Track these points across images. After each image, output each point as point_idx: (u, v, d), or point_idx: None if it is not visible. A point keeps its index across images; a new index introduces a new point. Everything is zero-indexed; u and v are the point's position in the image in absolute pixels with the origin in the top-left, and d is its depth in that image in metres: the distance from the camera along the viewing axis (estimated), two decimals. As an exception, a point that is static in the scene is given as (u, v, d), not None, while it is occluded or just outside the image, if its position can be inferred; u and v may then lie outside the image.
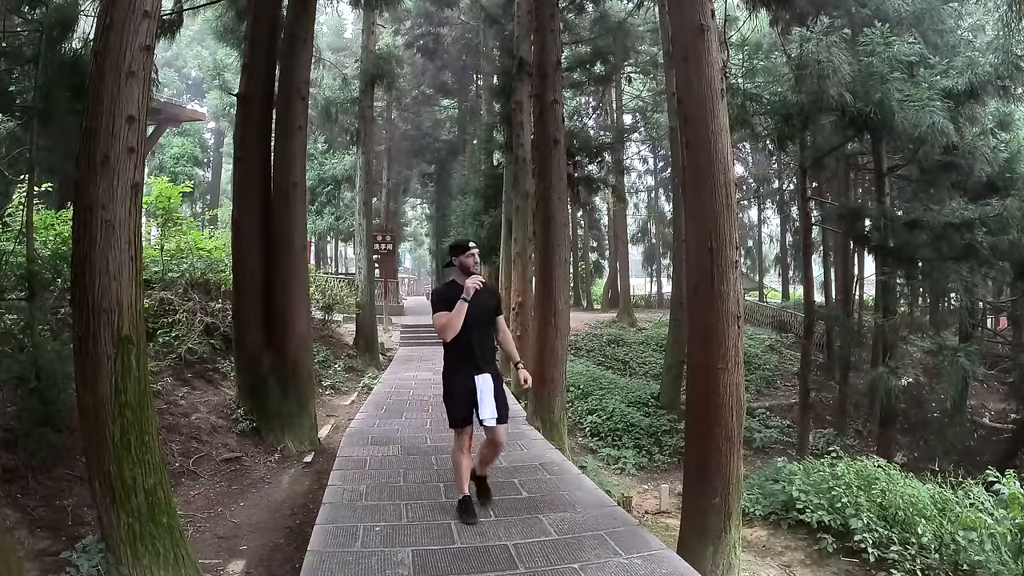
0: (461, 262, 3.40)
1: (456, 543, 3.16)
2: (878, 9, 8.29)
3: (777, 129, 8.38)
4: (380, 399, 7.83)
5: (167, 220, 7.62)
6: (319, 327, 10.85)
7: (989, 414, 11.34)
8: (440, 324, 3.32)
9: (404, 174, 26.04)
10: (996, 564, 3.08)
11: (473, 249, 3.43)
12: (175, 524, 2.91)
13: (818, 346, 12.33)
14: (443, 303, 3.33)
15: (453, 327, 3.28)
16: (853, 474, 4.34)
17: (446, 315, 3.29)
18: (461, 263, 3.40)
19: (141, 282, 2.93)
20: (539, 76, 6.89)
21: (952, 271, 7.81)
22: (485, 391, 3.32)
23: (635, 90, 20.31)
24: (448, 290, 3.40)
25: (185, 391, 5.68)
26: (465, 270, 3.38)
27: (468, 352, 3.36)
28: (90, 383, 2.69)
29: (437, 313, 3.33)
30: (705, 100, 3.76)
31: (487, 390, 3.33)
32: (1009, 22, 7.36)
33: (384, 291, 18.51)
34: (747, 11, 9.21)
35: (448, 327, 3.29)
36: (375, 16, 12.49)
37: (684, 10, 3.91)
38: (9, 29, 4.77)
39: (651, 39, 14.78)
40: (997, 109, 9.33)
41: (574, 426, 7.91)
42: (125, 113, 2.75)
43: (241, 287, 5.74)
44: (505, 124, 11.40)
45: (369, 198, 13.31)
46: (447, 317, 3.28)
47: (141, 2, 2.82)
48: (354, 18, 23.91)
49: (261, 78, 5.86)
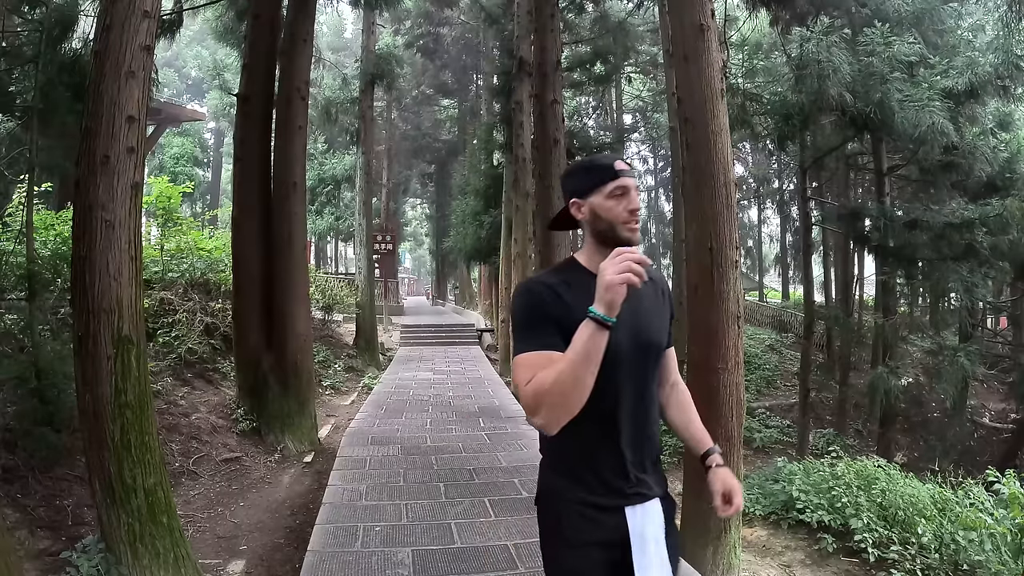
0: (595, 211, 1.27)
1: (456, 543, 3.16)
2: (878, 9, 8.28)
3: (777, 129, 8.37)
4: (380, 399, 7.83)
5: (167, 220, 7.62)
6: (319, 327, 10.85)
7: (989, 414, 11.33)
8: (535, 388, 1.11)
9: (404, 174, 26.08)
10: (996, 564, 3.08)
11: (624, 174, 1.25)
12: (175, 524, 2.91)
13: (818, 346, 12.33)
14: (538, 324, 1.20)
15: (569, 397, 1.08)
16: (853, 474, 4.34)
17: (542, 358, 1.14)
18: (595, 212, 1.27)
19: (141, 282, 2.92)
20: (539, 76, 6.89)
21: (952, 271, 7.80)
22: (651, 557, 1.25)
23: (635, 90, 20.33)
24: (549, 290, 1.24)
25: (185, 391, 5.68)
26: (607, 233, 1.26)
27: (607, 447, 1.27)
28: (90, 383, 2.69)
29: (525, 354, 1.17)
30: (705, 100, 3.75)
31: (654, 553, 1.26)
32: (1009, 22, 7.36)
33: (384, 291, 18.52)
34: (747, 11, 9.21)
35: (557, 395, 1.08)
36: (375, 16, 12.51)
37: (684, 10, 3.90)
38: (9, 29, 4.77)
39: (651, 39, 14.78)
40: (997, 109, 9.32)
41: (574, 426, 7.88)
42: (125, 113, 2.74)
43: (241, 287, 5.74)
44: (505, 124, 11.41)
45: (369, 198, 13.31)
46: (552, 372, 1.09)
47: (141, 2, 2.82)
48: (354, 18, 23.93)
49: (261, 78, 5.86)
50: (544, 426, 1.14)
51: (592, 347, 1.06)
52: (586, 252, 1.33)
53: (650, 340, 1.31)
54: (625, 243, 1.23)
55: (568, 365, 1.07)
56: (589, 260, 1.30)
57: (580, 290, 1.18)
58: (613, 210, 1.25)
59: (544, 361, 1.14)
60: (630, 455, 1.28)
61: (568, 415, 1.10)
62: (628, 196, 1.25)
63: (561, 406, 1.09)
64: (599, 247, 1.28)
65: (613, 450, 1.27)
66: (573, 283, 1.25)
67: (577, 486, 1.26)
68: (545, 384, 1.09)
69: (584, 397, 1.09)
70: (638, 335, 1.27)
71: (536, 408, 1.11)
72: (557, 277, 1.29)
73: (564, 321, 1.16)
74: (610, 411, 1.24)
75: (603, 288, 1.05)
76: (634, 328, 1.25)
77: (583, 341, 1.06)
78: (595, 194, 1.27)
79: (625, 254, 1.06)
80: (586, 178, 1.30)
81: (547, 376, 1.09)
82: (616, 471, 1.26)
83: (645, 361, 1.31)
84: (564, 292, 1.23)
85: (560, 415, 1.10)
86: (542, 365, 1.13)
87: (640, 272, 1.04)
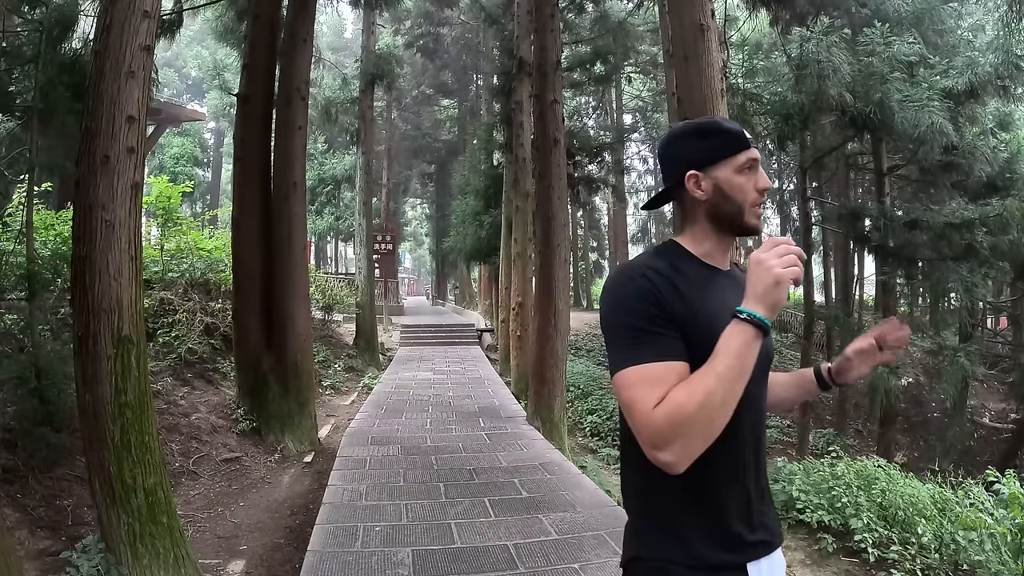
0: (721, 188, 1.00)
1: (456, 543, 3.16)
2: (878, 9, 8.28)
3: (777, 129, 8.37)
4: (380, 399, 7.83)
5: (167, 220, 7.63)
6: (319, 327, 10.85)
7: (989, 414, 11.33)
8: (672, 412, 0.84)
9: (404, 174, 26.09)
10: (996, 564, 3.08)
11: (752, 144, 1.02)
12: (175, 524, 2.91)
13: (818, 346, 12.31)
14: (654, 324, 0.91)
15: (716, 423, 0.85)
16: (853, 474, 4.34)
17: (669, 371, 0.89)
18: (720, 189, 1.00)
19: (141, 282, 2.92)
20: (539, 76, 6.89)
21: (952, 271, 7.81)
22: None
23: (635, 90, 20.34)
24: (663, 279, 0.95)
25: (185, 391, 5.68)
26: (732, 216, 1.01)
27: (732, 486, 0.98)
28: (90, 383, 2.69)
29: (638, 367, 0.89)
30: (705, 100, 3.76)
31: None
32: (1009, 22, 7.36)
33: (384, 291, 18.53)
34: (747, 11, 9.21)
35: (704, 422, 0.84)
36: (375, 16, 12.52)
37: (684, 10, 3.91)
38: (9, 29, 4.77)
39: (651, 39, 14.77)
40: (997, 109, 9.33)
41: (574, 426, 7.91)
42: (125, 113, 2.74)
43: (241, 287, 5.74)
44: (505, 124, 11.40)
45: (369, 198, 13.32)
46: (694, 391, 0.85)
47: (141, 2, 2.82)
48: (354, 18, 23.95)
49: (261, 78, 5.86)
50: (676, 463, 0.85)
51: (749, 359, 0.85)
52: (693, 237, 1.05)
53: (767, 346, 1.01)
54: (752, 231, 1.03)
55: (718, 381, 0.84)
56: (698, 247, 1.04)
57: (699, 281, 0.95)
58: (744, 188, 1.00)
59: (671, 375, 0.88)
60: (755, 493, 1.00)
61: (705, 447, 0.86)
62: (758, 172, 1.02)
63: (704, 435, 0.85)
64: (716, 233, 1.03)
65: (739, 489, 0.98)
66: (687, 272, 0.98)
67: (690, 544, 0.96)
68: (688, 407, 0.84)
69: (727, 422, 0.86)
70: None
71: (670, 439, 0.84)
72: (665, 262, 0.99)
73: (687, 321, 0.92)
74: (733, 438, 0.94)
75: (769, 283, 0.85)
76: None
77: (738, 351, 0.84)
78: (721, 166, 1.00)
79: (787, 244, 0.88)
80: (708, 146, 1.02)
81: (686, 397, 0.84)
82: (742, 516, 0.98)
83: (761, 372, 1.01)
84: (681, 283, 0.96)
85: (698, 447, 0.85)
86: (669, 381, 0.87)
87: (802, 266, 0.87)
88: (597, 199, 22.43)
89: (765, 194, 1.02)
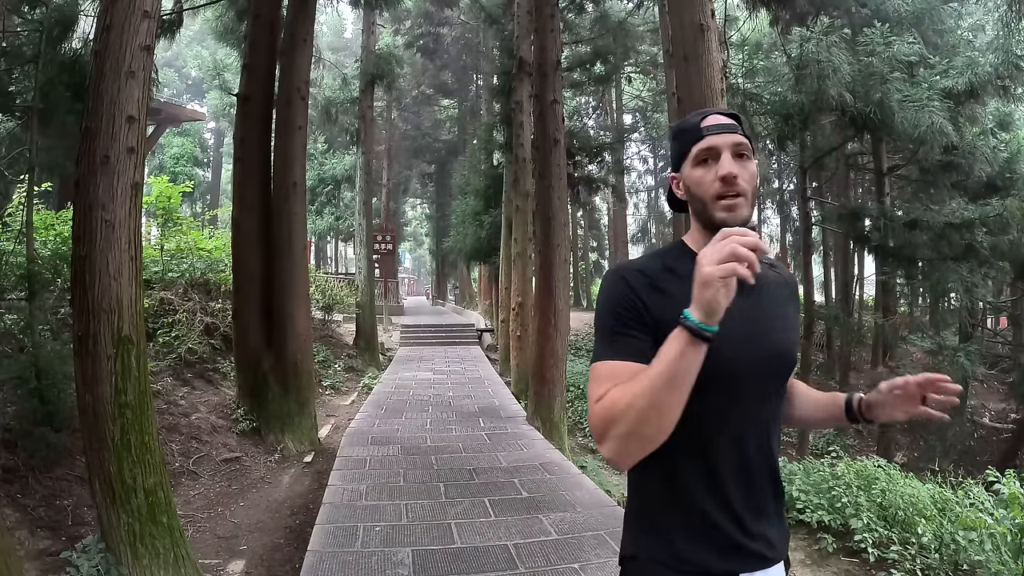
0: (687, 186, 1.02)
1: (456, 543, 3.16)
2: (878, 9, 8.29)
3: (777, 129, 8.38)
4: (380, 399, 7.83)
5: (167, 220, 7.63)
6: (319, 327, 10.85)
7: (989, 414, 11.33)
8: (604, 409, 0.88)
9: (404, 174, 26.09)
10: (996, 564, 3.08)
11: (710, 132, 0.98)
12: (175, 524, 2.91)
13: (818, 346, 12.32)
14: (626, 323, 0.95)
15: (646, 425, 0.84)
16: (853, 474, 4.34)
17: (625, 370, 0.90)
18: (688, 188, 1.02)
19: (141, 282, 2.92)
20: (539, 76, 6.90)
21: (952, 271, 7.81)
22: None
23: (635, 90, 20.35)
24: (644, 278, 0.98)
25: (185, 391, 5.68)
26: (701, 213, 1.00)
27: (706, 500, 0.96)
28: (90, 383, 2.69)
29: (603, 363, 0.94)
30: (705, 100, 3.76)
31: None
32: (1009, 22, 7.37)
33: (384, 291, 18.54)
34: (747, 11, 9.21)
35: (632, 422, 0.84)
36: (375, 16, 12.52)
37: (684, 10, 3.91)
38: (9, 29, 4.77)
39: (651, 39, 14.77)
40: (997, 109, 9.34)
41: (574, 426, 7.90)
42: (125, 113, 2.74)
43: (241, 287, 5.74)
44: (505, 124, 11.40)
45: (369, 198, 13.32)
46: (628, 391, 0.86)
47: (141, 2, 2.82)
48: (354, 18, 23.96)
49: (261, 78, 5.86)
50: (613, 459, 0.88)
51: (682, 365, 0.81)
52: (692, 235, 1.04)
53: (776, 351, 0.99)
54: (719, 224, 0.93)
55: (646, 386, 0.83)
56: (697, 245, 1.00)
57: (689, 281, 0.84)
58: (701, 181, 0.97)
59: (626, 373, 0.89)
60: (746, 506, 0.97)
61: (643, 449, 0.86)
62: (719, 161, 0.95)
63: (638, 437, 0.84)
64: (704, 230, 1.00)
65: (719, 501, 0.96)
66: (680, 271, 0.95)
67: (676, 546, 0.96)
68: (617, 406, 0.85)
69: (667, 428, 0.84)
70: (759, 345, 0.97)
71: (602, 434, 0.87)
72: (658, 262, 1.01)
73: (663, 321, 0.90)
74: (704, 447, 0.95)
75: (699, 284, 0.79)
76: (751, 335, 0.96)
77: (670, 357, 0.81)
78: (685, 164, 1.01)
79: (733, 236, 0.79)
80: (676, 146, 1.04)
81: (620, 396, 0.86)
82: (731, 526, 0.96)
83: (771, 380, 0.99)
84: (666, 282, 0.96)
85: (631, 448, 0.86)
86: (621, 378, 0.89)
87: (752, 260, 0.77)
88: (597, 199, 22.45)
89: (733, 181, 0.94)
